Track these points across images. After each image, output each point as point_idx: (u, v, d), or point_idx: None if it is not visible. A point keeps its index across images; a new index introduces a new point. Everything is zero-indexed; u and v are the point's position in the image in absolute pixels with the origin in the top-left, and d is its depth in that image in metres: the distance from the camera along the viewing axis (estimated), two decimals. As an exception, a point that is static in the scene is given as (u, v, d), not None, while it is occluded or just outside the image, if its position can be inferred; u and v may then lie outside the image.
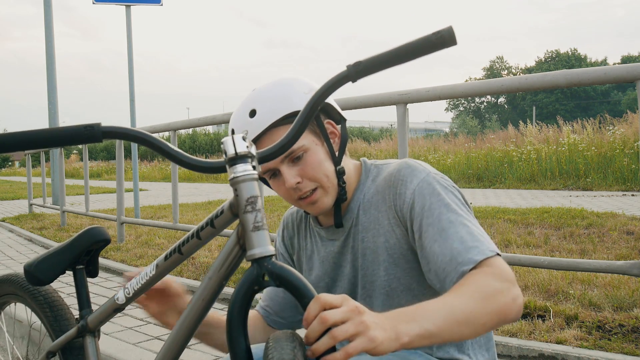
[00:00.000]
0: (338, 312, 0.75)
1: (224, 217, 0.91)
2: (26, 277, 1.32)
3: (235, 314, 0.80)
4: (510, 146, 12.94)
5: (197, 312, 0.95)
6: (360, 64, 0.84)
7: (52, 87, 9.41)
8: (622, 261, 2.22)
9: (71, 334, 1.29)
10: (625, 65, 2.24)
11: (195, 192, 13.87)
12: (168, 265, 1.04)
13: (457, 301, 0.88)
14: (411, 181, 1.08)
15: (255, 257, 0.81)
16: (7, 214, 9.16)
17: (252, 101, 1.12)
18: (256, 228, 0.82)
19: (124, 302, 1.14)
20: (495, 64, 71.82)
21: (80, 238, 1.32)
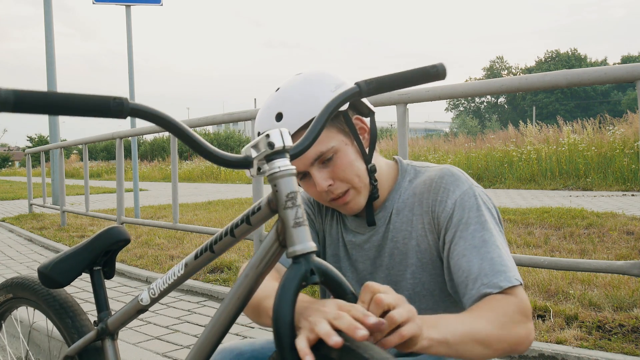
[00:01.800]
0: (390, 297, 0.78)
1: (262, 213, 0.89)
2: (41, 280, 1.27)
3: (284, 312, 0.78)
4: (510, 146, 12.94)
5: (232, 310, 0.92)
6: (372, 82, 0.90)
7: (52, 87, 9.40)
8: (622, 261, 2.22)
9: (90, 337, 1.26)
10: (625, 65, 2.24)
11: (195, 192, 13.87)
12: (197, 264, 1.01)
13: (478, 322, 0.90)
14: (454, 191, 1.07)
15: (297, 253, 0.80)
16: (7, 214, 9.16)
17: (278, 103, 1.08)
18: (297, 224, 0.81)
19: (149, 303, 1.11)
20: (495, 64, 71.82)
21: (99, 238, 1.28)
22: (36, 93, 0.68)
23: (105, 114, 0.72)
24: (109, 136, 5.97)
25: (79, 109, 0.71)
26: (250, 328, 2.82)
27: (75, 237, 6.00)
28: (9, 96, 0.65)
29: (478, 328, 0.89)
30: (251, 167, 0.84)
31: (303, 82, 1.09)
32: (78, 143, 6.96)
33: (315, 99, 1.06)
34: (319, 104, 1.04)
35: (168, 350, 2.54)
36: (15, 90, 0.66)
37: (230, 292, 0.92)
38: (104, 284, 1.30)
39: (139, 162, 24.23)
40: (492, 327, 0.90)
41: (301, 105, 1.06)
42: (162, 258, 4.57)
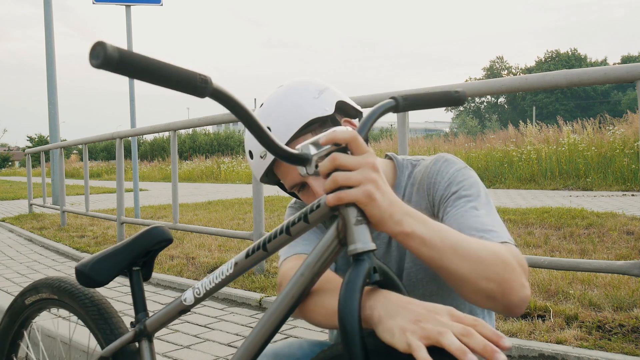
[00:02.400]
0: (350, 161, 0.79)
1: (320, 211, 0.86)
2: (78, 278, 1.25)
3: (351, 310, 0.76)
4: (510, 146, 12.94)
5: (284, 310, 0.89)
6: (408, 99, 0.93)
7: (52, 87, 9.41)
8: (622, 261, 2.22)
9: (127, 338, 1.23)
10: (625, 65, 2.24)
11: (195, 192, 13.87)
12: (248, 263, 0.99)
13: (471, 240, 0.87)
14: (447, 171, 1.09)
15: (358, 251, 0.79)
16: (7, 214, 9.16)
17: (264, 120, 1.08)
18: (359, 222, 0.80)
19: (192, 303, 1.08)
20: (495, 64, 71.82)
21: (140, 238, 1.25)
22: (138, 56, 0.67)
23: (188, 90, 0.71)
24: (109, 136, 5.97)
25: (168, 79, 0.70)
26: (250, 328, 2.82)
27: (75, 237, 6.00)
28: (114, 54, 0.63)
29: (469, 246, 0.85)
30: (309, 165, 0.84)
31: (285, 94, 1.10)
32: (78, 143, 6.96)
33: (301, 108, 1.07)
34: (305, 112, 1.06)
35: (168, 350, 2.54)
36: (119, 48, 0.65)
37: (284, 291, 0.89)
38: (142, 285, 1.27)
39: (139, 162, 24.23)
40: (485, 255, 0.85)
41: (287, 117, 1.07)
42: (162, 258, 4.57)
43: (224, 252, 4.68)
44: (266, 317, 0.92)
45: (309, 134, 1.07)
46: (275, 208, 7.98)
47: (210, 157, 26.90)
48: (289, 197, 9.78)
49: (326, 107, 1.08)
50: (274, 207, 8.16)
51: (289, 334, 2.71)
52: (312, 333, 2.69)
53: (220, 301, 3.39)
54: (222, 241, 5.20)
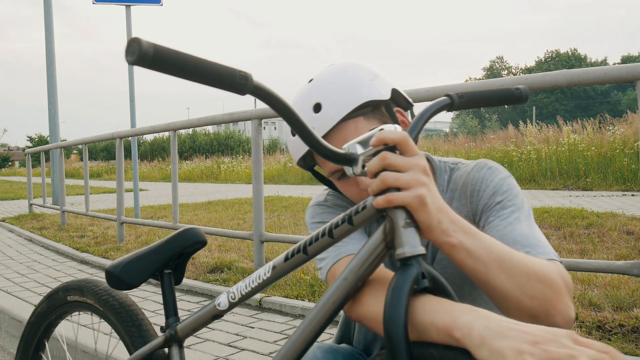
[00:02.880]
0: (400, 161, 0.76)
1: (366, 213, 0.82)
2: (108, 281, 1.21)
3: (397, 317, 0.72)
4: (510, 146, 12.94)
5: (326, 315, 0.85)
6: (463, 97, 0.91)
7: (52, 87, 9.42)
8: (622, 261, 2.22)
9: (157, 343, 1.19)
10: (625, 65, 2.24)
11: (195, 192, 13.87)
12: (287, 267, 0.93)
13: (519, 257, 0.82)
14: (492, 179, 1.04)
15: (407, 255, 0.75)
16: (7, 214, 9.16)
17: (315, 94, 1.01)
18: (407, 224, 0.76)
19: (227, 308, 1.03)
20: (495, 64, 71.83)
21: (174, 240, 1.22)
22: (173, 52, 0.65)
23: (228, 87, 0.69)
24: (109, 136, 5.97)
25: (207, 76, 0.68)
26: (250, 328, 2.82)
27: (75, 237, 6.00)
28: (149, 50, 0.62)
29: (516, 258, 0.80)
30: (355, 165, 0.81)
31: (341, 72, 1.03)
32: (78, 143, 6.96)
33: (357, 88, 1.00)
34: (360, 93, 0.99)
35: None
36: (155, 44, 0.63)
37: (325, 295, 0.85)
38: (174, 289, 1.24)
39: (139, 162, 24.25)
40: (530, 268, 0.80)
41: (341, 94, 0.99)
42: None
43: (224, 252, 4.68)
44: (306, 323, 0.87)
45: (361, 117, 1.00)
46: (275, 208, 7.98)
47: (210, 157, 26.90)
48: (288, 197, 9.79)
49: (382, 91, 1.01)
50: (274, 207, 8.16)
51: (289, 333, 2.71)
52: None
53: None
54: (222, 241, 5.20)
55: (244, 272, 3.85)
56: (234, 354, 2.45)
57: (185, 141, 36.31)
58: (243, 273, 3.82)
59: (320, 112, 0.99)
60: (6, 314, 3.25)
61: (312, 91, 1.02)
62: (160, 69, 0.65)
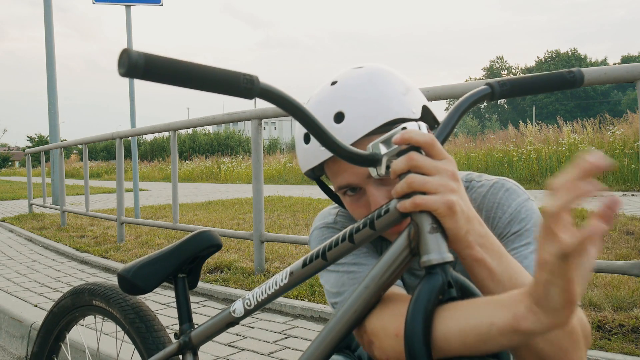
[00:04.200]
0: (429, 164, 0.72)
1: (390, 217, 0.77)
2: (121, 285, 1.17)
3: (417, 330, 0.68)
4: (510, 146, 12.95)
5: (346, 325, 0.80)
6: (506, 84, 0.83)
7: (52, 87, 9.42)
8: (622, 261, 2.22)
9: (171, 350, 1.15)
10: (625, 65, 2.24)
11: (195, 192, 13.87)
12: (305, 273, 0.88)
13: None
14: (509, 204, 0.94)
15: (433, 262, 0.70)
16: (7, 214, 9.16)
17: (338, 101, 0.89)
18: (434, 230, 0.71)
19: (242, 315, 0.99)
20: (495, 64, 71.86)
21: (188, 243, 1.17)
22: (167, 60, 0.62)
23: (233, 92, 0.66)
24: (109, 136, 5.97)
25: (208, 82, 0.64)
26: (251, 328, 2.82)
27: (75, 237, 6.00)
28: (140, 60, 0.59)
29: None
30: (379, 165, 0.76)
31: (370, 82, 0.90)
32: (78, 143, 6.96)
33: (386, 102, 0.88)
34: (390, 109, 0.88)
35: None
36: (146, 54, 0.60)
37: (346, 304, 0.81)
38: (188, 294, 1.19)
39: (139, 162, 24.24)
40: None
41: (368, 107, 0.88)
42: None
43: (224, 252, 4.68)
44: (325, 333, 0.83)
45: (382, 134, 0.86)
46: (275, 208, 7.98)
47: (210, 157, 26.91)
48: (288, 197, 9.79)
49: (413, 109, 0.90)
50: (274, 207, 8.16)
51: (289, 333, 2.71)
52: (314, 334, 2.69)
53: (220, 301, 3.39)
54: (222, 241, 5.19)
55: (244, 272, 3.85)
56: (234, 354, 2.45)
57: (185, 141, 36.32)
58: (243, 273, 3.82)
59: (343, 122, 0.88)
60: (6, 314, 3.24)
61: (335, 97, 0.90)
62: (155, 79, 0.62)
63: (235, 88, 0.66)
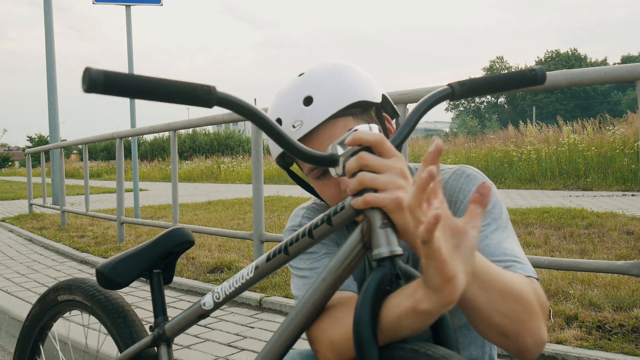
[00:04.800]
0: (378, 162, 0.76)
1: (345, 213, 0.82)
2: (99, 280, 1.23)
3: (365, 318, 0.73)
4: (510, 146, 12.95)
5: (304, 318, 0.85)
6: (466, 84, 0.85)
7: (52, 87, 9.42)
8: (622, 261, 2.22)
9: (145, 342, 1.20)
10: (625, 65, 2.24)
11: (195, 192, 13.87)
12: (269, 267, 0.94)
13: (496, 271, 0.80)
14: (469, 189, 1.00)
15: (382, 255, 0.75)
16: (7, 214, 9.16)
17: (307, 87, 0.98)
18: (384, 225, 0.76)
19: (212, 308, 1.05)
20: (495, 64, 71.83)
21: (161, 239, 1.23)
22: (126, 75, 0.67)
23: (192, 102, 0.70)
24: (109, 136, 5.97)
25: (167, 94, 0.69)
26: (250, 328, 2.82)
27: (75, 237, 5.99)
28: (99, 77, 0.64)
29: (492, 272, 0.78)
30: (337, 165, 0.81)
31: (336, 69, 1.00)
32: (78, 143, 6.96)
33: (352, 86, 0.97)
34: (355, 91, 0.96)
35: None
36: (105, 71, 0.65)
37: (304, 297, 0.86)
38: (163, 289, 1.25)
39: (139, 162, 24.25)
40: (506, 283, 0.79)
41: (335, 90, 0.96)
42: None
43: (224, 252, 4.68)
44: (285, 325, 0.88)
45: (350, 117, 0.98)
46: (275, 208, 7.98)
47: (210, 157, 26.89)
48: (288, 197, 9.78)
49: (374, 94, 0.99)
50: (274, 207, 8.16)
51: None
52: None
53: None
54: (222, 241, 5.20)
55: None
56: (234, 354, 2.45)
57: (185, 141, 36.29)
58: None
59: (311, 105, 0.96)
60: (6, 314, 3.25)
61: (304, 84, 0.98)
62: (117, 94, 0.67)
63: (194, 98, 0.70)
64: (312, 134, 0.97)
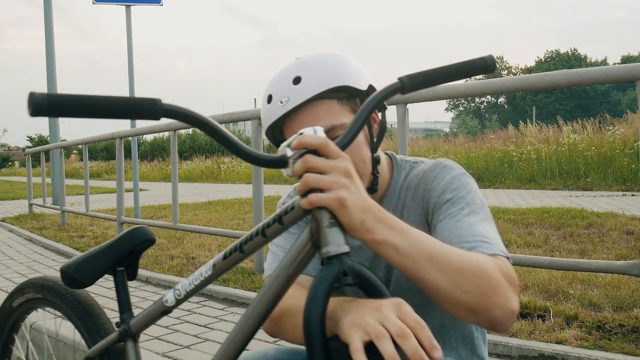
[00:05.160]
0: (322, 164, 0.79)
1: (295, 213, 0.85)
2: (63, 279, 1.25)
3: (314, 314, 0.76)
4: (510, 146, 12.95)
5: (260, 314, 0.89)
6: (415, 77, 0.86)
7: (52, 87, 9.42)
8: (622, 261, 2.22)
9: (112, 338, 1.24)
10: (625, 65, 2.24)
11: (195, 192, 13.87)
12: (226, 265, 0.98)
13: (452, 252, 0.84)
14: (444, 177, 1.06)
15: (331, 254, 0.78)
16: (7, 214, 9.16)
17: (298, 68, 1.05)
18: (332, 224, 0.79)
19: (173, 305, 1.09)
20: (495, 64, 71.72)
21: (123, 239, 1.26)
22: (69, 97, 0.70)
23: (138, 116, 0.73)
24: (109, 136, 5.97)
25: (112, 111, 0.72)
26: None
27: (75, 237, 6.00)
28: (43, 101, 0.68)
29: (448, 254, 0.82)
30: (287, 167, 0.83)
31: (327, 55, 1.06)
32: (78, 143, 6.96)
33: (339, 72, 1.03)
34: (341, 76, 1.02)
35: (168, 350, 2.54)
36: (49, 95, 0.68)
37: (259, 295, 0.90)
38: (127, 286, 1.27)
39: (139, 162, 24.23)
40: (466, 266, 0.82)
41: (323, 73, 1.03)
42: (162, 258, 4.57)
43: (224, 252, 4.68)
44: (242, 321, 0.92)
45: (335, 101, 1.04)
46: (275, 208, 7.97)
47: (210, 157, 26.88)
48: (289, 197, 9.78)
49: (361, 82, 1.05)
50: (273, 207, 8.16)
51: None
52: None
53: (220, 301, 3.39)
54: (222, 241, 5.20)
55: (244, 272, 3.85)
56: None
57: (185, 141, 36.30)
58: (243, 273, 3.82)
59: (299, 84, 1.02)
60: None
61: (296, 65, 1.05)
62: (63, 115, 0.70)
63: (139, 113, 0.74)
64: (297, 112, 1.03)
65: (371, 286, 0.79)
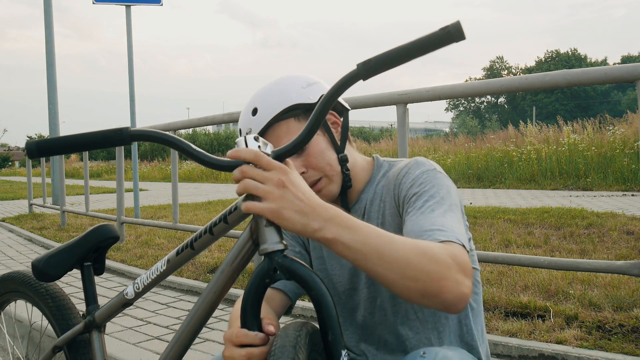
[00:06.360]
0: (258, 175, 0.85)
1: (238, 213, 0.94)
2: (34, 273, 1.33)
3: (249, 307, 0.84)
4: (510, 146, 12.94)
5: (208, 305, 0.97)
6: (370, 62, 0.83)
7: (52, 87, 9.41)
8: (622, 261, 2.22)
9: (78, 329, 1.32)
10: (625, 65, 2.23)
11: (195, 192, 13.87)
12: (179, 261, 1.07)
13: (400, 244, 0.87)
14: (414, 172, 1.11)
15: (267, 251, 0.85)
16: (7, 214, 9.16)
17: (254, 100, 1.17)
18: (269, 224, 0.85)
19: (133, 297, 1.17)
20: (495, 64, 71.80)
21: (89, 235, 1.34)
22: (53, 140, 0.89)
23: (111, 144, 0.89)
24: (109, 136, 5.97)
25: (90, 144, 0.88)
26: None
27: (75, 237, 6.00)
28: (33, 146, 0.88)
29: (395, 246, 0.86)
30: None
31: (276, 82, 1.19)
32: (78, 143, 6.94)
33: (286, 93, 1.14)
34: (289, 97, 1.14)
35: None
36: (37, 141, 0.90)
37: (207, 288, 0.97)
38: (94, 279, 1.36)
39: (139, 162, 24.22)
40: (412, 253, 0.86)
41: (273, 99, 1.14)
42: (162, 258, 4.57)
43: (224, 252, 4.68)
44: (193, 312, 0.99)
45: (292, 119, 1.14)
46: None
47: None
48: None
49: (311, 96, 1.14)
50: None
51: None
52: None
53: (221, 301, 3.39)
54: (222, 241, 5.20)
55: (244, 271, 3.85)
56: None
57: (185, 141, 36.29)
58: (243, 273, 3.82)
59: (256, 115, 1.15)
60: (5, 314, 3.24)
61: (254, 98, 1.18)
62: (52, 154, 0.91)
63: (111, 141, 0.90)
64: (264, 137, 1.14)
65: (305, 280, 0.84)
